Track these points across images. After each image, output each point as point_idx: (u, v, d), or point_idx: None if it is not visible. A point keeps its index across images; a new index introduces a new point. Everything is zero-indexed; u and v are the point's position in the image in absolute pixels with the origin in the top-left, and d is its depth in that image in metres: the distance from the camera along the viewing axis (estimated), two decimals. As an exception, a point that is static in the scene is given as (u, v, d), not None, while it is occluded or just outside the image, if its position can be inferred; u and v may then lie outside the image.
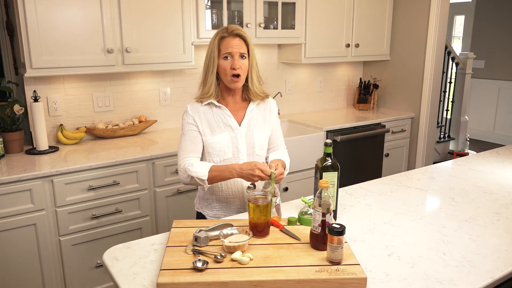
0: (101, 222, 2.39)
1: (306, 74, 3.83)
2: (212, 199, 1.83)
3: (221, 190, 1.81)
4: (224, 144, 1.75)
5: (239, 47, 1.69)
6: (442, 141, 5.53)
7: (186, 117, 1.77)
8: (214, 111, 1.77)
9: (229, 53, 1.69)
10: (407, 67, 3.84)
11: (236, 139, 1.77)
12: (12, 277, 2.20)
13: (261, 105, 1.85)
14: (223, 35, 1.70)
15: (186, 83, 3.17)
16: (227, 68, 1.69)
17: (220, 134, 1.75)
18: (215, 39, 1.72)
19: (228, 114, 1.77)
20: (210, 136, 1.75)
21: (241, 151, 1.77)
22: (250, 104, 1.82)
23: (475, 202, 1.85)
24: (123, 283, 1.22)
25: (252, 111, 1.82)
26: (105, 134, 2.80)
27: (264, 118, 1.84)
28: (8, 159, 2.40)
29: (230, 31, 1.70)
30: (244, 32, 1.72)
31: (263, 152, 1.84)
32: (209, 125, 1.76)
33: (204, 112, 1.76)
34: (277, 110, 1.91)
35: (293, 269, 1.23)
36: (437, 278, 1.26)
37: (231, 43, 1.69)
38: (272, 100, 1.90)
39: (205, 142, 1.76)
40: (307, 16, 3.31)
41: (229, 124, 1.76)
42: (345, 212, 1.73)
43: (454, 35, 7.74)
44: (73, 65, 2.46)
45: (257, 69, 1.79)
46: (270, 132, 1.86)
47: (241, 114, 1.80)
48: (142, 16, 2.61)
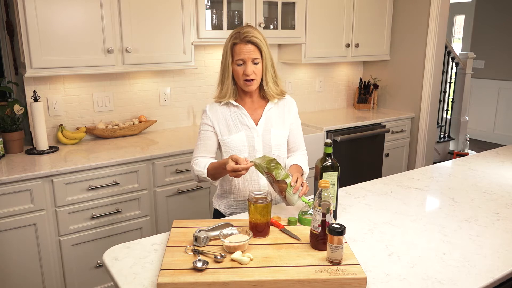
0: (101, 222, 2.39)
1: (306, 74, 3.83)
2: (230, 197, 1.84)
3: (238, 189, 1.81)
4: (240, 143, 1.76)
5: (250, 53, 1.68)
6: (442, 141, 5.53)
7: (204, 117, 1.80)
8: (231, 110, 1.78)
9: (241, 59, 1.68)
10: (407, 67, 3.84)
11: (253, 138, 1.77)
12: (12, 277, 2.20)
13: (280, 103, 1.84)
14: (235, 42, 1.69)
15: (186, 83, 3.17)
16: (240, 74, 1.70)
17: (237, 133, 1.76)
18: (228, 44, 1.71)
19: (245, 113, 1.77)
20: (227, 136, 1.77)
21: (257, 150, 1.77)
22: (268, 103, 1.81)
23: (475, 202, 1.85)
24: (123, 283, 1.22)
25: (270, 110, 1.81)
26: (105, 134, 2.80)
27: (283, 117, 1.83)
28: (8, 159, 2.40)
29: (242, 37, 1.67)
30: (256, 37, 1.69)
31: (280, 152, 1.82)
32: (227, 124, 1.77)
33: (222, 111, 1.78)
34: (296, 109, 1.89)
35: (293, 269, 1.23)
36: (437, 278, 1.26)
37: (242, 50, 1.67)
38: (291, 99, 1.88)
39: (222, 142, 1.78)
40: (307, 16, 3.31)
41: (245, 123, 1.77)
42: (345, 212, 1.73)
43: (454, 35, 7.74)
44: (73, 65, 2.46)
45: (272, 70, 1.77)
46: (288, 131, 1.85)
47: (259, 113, 1.80)
48: (142, 16, 2.61)
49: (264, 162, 1.55)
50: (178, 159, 2.57)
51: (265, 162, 1.55)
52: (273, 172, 1.55)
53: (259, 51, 1.70)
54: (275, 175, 1.55)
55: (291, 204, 1.63)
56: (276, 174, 1.55)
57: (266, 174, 1.59)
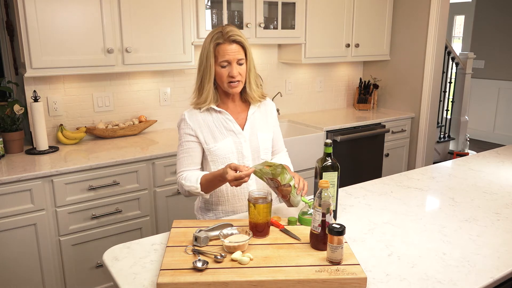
0: (101, 222, 2.39)
1: (306, 74, 3.83)
2: (218, 209, 1.76)
3: (227, 200, 1.74)
4: (227, 150, 1.68)
5: (236, 53, 1.59)
6: (442, 141, 5.53)
7: (183, 126, 1.69)
8: (214, 116, 1.69)
9: (226, 61, 1.59)
10: (407, 67, 3.84)
11: (240, 144, 1.69)
12: (12, 277, 2.20)
13: (261, 107, 1.78)
14: (219, 42, 1.59)
15: (186, 83, 3.17)
16: (224, 76, 1.61)
17: (223, 140, 1.68)
18: (210, 44, 1.60)
19: (230, 118, 1.69)
20: (213, 144, 1.67)
21: (246, 156, 1.70)
22: (251, 107, 1.74)
23: (475, 202, 1.85)
24: (123, 283, 1.22)
25: (254, 114, 1.75)
26: (105, 134, 2.80)
27: (266, 120, 1.78)
28: (8, 159, 2.40)
29: (226, 37, 1.58)
30: (241, 36, 1.61)
31: (267, 156, 1.77)
32: (211, 131, 1.67)
33: (204, 119, 1.68)
34: (276, 111, 1.86)
35: (293, 269, 1.23)
36: (437, 278, 1.26)
37: (227, 50, 1.58)
38: (271, 102, 1.84)
39: (207, 151, 1.68)
40: (307, 16, 3.31)
41: (231, 129, 1.69)
42: (345, 212, 1.73)
43: (454, 35, 7.74)
44: (73, 65, 2.46)
45: (255, 71, 1.70)
46: (272, 134, 1.80)
47: (243, 117, 1.73)
48: (142, 16, 2.61)
49: (270, 168, 1.50)
50: (178, 159, 2.57)
51: (271, 168, 1.50)
52: (278, 177, 1.50)
53: (243, 51, 1.62)
54: (281, 180, 1.50)
55: (294, 206, 1.59)
56: (281, 178, 1.50)
57: (269, 180, 1.54)
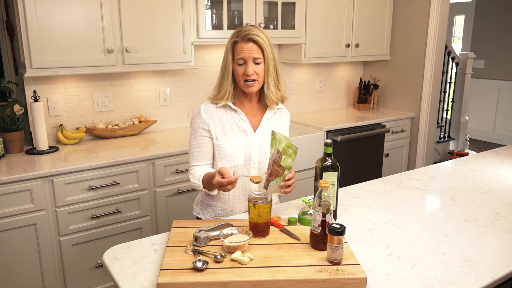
0: (101, 222, 2.39)
1: (306, 74, 3.83)
2: (217, 206, 1.76)
3: (228, 199, 1.74)
4: (236, 149, 1.68)
5: (251, 52, 1.60)
6: (442, 141, 5.53)
7: (198, 120, 1.70)
8: (229, 114, 1.70)
9: (242, 58, 1.61)
10: (407, 67, 3.84)
11: (249, 145, 1.69)
12: (12, 277, 2.20)
13: (277, 114, 1.78)
14: (236, 40, 1.62)
15: (186, 83, 3.17)
16: (240, 73, 1.63)
17: (233, 138, 1.68)
18: (229, 42, 1.64)
19: (244, 118, 1.70)
20: (223, 140, 1.68)
21: (253, 158, 1.69)
22: (267, 111, 1.74)
23: (475, 202, 1.85)
24: (123, 283, 1.22)
25: (269, 119, 1.74)
26: (105, 134, 2.80)
27: (279, 129, 1.72)
28: (8, 159, 2.40)
29: (243, 35, 1.61)
30: (258, 36, 1.61)
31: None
32: (223, 127, 1.68)
33: (218, 115, 1.69)
34: (289, 122, 1.85)
35: (293, 269, 1.23)
36: (437, 278, 1.26)
37: (243, 48, 1.60)
38: (287, 112, 1.84)
39: (216, 147, 1.69)
40: (307, 16, 3.31)
41: (243, 129, 1.69)
42: (345, 212, 1.73)
43: (454, 35, 7.74)
44: (73, 65, 2.46)
45: (275, 73, 1.68)
46: None
47: (257, 120, 1.73)
48: (142, 16, 2.61)
49: (286, 143, 1.50)
50: (178, 159, 2.57)
51: (287, 143, 1.50)
52: (283, 156, 1.50)
53: (261, 50, 1.62)
54: (283, 160, 1.50)
55: (268, 190, 1.55)
56: (285, 159, 1.50)
57: (275, 152, 1.53)
